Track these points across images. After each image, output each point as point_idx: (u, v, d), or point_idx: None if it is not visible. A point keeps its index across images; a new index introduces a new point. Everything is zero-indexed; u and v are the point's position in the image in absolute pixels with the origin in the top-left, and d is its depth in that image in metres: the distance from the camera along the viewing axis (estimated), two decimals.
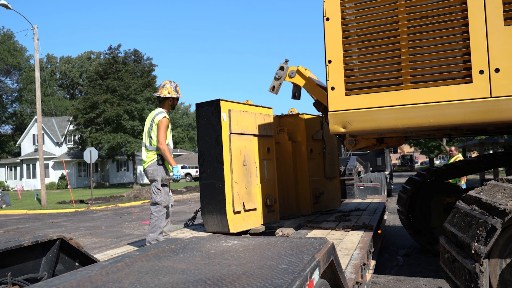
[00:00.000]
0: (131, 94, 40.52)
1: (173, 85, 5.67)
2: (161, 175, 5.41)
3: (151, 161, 5.44)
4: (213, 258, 2.34)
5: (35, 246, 3.45)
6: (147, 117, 5.68)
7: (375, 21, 5.12)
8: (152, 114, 5.61)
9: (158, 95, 5.63)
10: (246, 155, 6.47)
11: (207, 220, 6.33)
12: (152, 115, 5.57)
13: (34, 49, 24.18)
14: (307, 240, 2.65)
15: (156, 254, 2.49)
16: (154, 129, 5.44)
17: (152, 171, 5.40)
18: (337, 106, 5.30)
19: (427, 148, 52.61)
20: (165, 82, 5.70)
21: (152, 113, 5.63)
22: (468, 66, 4.63)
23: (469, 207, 3.81)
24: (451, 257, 3.80)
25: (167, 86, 5.64)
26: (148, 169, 5.43)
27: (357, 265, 4.09)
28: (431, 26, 4.82)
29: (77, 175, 48.05)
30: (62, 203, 24.76)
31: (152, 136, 5.46)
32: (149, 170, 5.43)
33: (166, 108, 5.69)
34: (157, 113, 5.54)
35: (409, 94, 4.91)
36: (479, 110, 4.58)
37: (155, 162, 5.42)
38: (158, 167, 5.41)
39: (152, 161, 5.43)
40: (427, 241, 7.52)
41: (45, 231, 13.53)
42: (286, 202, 7.89)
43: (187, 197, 27.76)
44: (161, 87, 5.67)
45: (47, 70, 68.75)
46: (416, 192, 7.58)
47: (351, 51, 5.29)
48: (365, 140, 6.24)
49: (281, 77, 6.83)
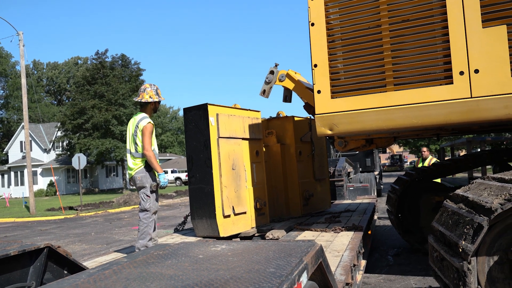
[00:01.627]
0: (119, 99, 40.28)
1: (153, 88, 5.54)
2: (149, 182, 5.34)
3: (139, 168, 5.35)
4: (202, 263, 2.34)
5: (23, 255, 3.40)
6: (129, 123, 5.55)
7: (358, 25, 5.23)
8: (135, 119, 5.47)
9: (139, 100, 5.50)
10: (234, 159, 6.47)
11: (197, 225, 6.32)
12: (136, 120, 5.44)
13: (20, 55, 24.02)
14: (295, 243, 2.66)
15: (144, 261, 2.48)
16: (139, 135, 5.34)
17: (140, 178, 5.31)
18: (323, 109, 5.36)
19: (416, 147, 52.94)
20: (145, 86, 5.57)
21: (134, 118, 5.50)
22: (449, 68, 4.73)
23: (456, 206, 3.85)
24: (439, 256, 3.83)
25: (148, 90, 5.51)
26: (136, 176, 5.34)
27: (347, 267, 4.11)
28: (412, 29, 4.92)
29: (66, 182, 47.71)
30: (51, 210, 24.52)
31: (137, 142, 5.36)
32: (137, 177, 5.33)
33: (148, 112, 5.57)
34: (140, 118, 5.42)
35: (393, 96, 5.00)
36: (460, 110, 4.67)
37: (143, 168, 5.34)
38: (146, 173, 5.34)
39: (139, 168, 5.34)
40: (417, 240, 7.57)
41: (34, 239, 13.41)
42: (276, 205, 7.90)
43: (177, 201, 27.66)
44: (141, 91, 5.53)
45: (33, 77, 68.19)
46: (405, 192, 7.63)
47: (336, 55, 5.38)
48: (354, 141, 6.30)
49: (271, 81, 6.88)
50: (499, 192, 3.39)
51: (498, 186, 3.56)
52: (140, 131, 5.34)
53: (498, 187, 3.52)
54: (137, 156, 5.36)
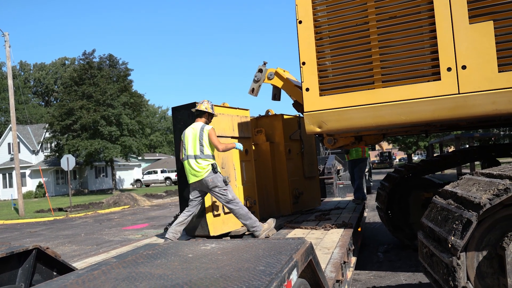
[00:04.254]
0: (108, 99, 39.97)
1: (210, 104, 6.12)
2: (221, 178, 5.79)
3: (207, 171, 5.75)
4: (191, 262, 2.33)
5: (11, 257, 3.38)
6: (188, 132, 5.95)
7: (346, 22, 5.22)
8: (196, 127, 5.91)
9: (197, 109, 6.02)
10: (224, 158, 6.45)
11: (187, 224, 6.29)
12: (197, 127, 5.90)
13: (6, 57, 23.77)
14: (285, 241, 2.66)
15: (134, 261, 2.46)
16: (205, 138, 5.81)
17: (212, 180, 5.73)
18: (312, 106, 5.36)
19: (404, 144, 53.30)
20: (204, 100, 6.12)
21: (193, 127, 5.94)
22: (436, 64, 4.74)
23: (445, 202, 3.87)
24: (429, 251, 3.85)
25: (205, 103, 6.08)
26: (208, 179, 5.73)
27: (337, 264, 4.12)
28: (399, 26, 4.92)
29: (55, 183, 47.30)
30: (40, 211, 24.30)
31: (203, 144, 5.80)
32: (209, 179, 5.73)
33: (203, 121, 6.05)
34: (203, 124, 5.94)
35: (381, 92, 5.01)
36: (448, 106, 4.69)
37: (211, 171, 5.76)
38: (216, 174, 5.77)
39: (208, 171, 5.75)
40: (407, 236, 7.60)
41: (23, 241, 13.29)
42: (266, 203, 7.89)
43: (168, 201, 27.60)
44: (200, 102, 6.07)
45: (20, 78, 67.59)
46: (394, 189, 7.65)
47: (324, 52, 5.37)
48: (343, 139, 6.31)
49: (260, 80, 6.87)
50: (488, 188, 3.41)
51: (486, 181, 3.58)
52: (206, 134, 5.82)
53: (487, 183, 3.54)
54: (203, 157, 5.80)
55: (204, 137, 5.83)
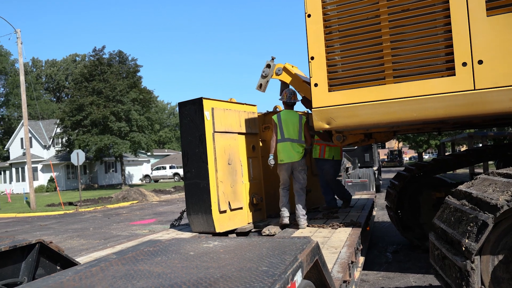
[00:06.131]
0: (117, 95, 40.07)
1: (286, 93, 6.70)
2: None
3: (303, 155, 6.41)
4: (192, 260, 2.23)
5: (14, 250, 3.39)
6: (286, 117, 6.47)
7: (356, 16, 5.10)
8: (295, 114, 6.52)
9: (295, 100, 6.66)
10: (230, 154, 6.36)
11: (193, 220, 6.21)
12: (297, 115, 6.51)
13: (18, 53, 23.85)
14: (290, 240, 2.55)
15: (134, 257, 2.38)
16: (303, 127, 6.44)
17: (303, 163, 6.45)
18: (320, 102, 5.26)
19: (415, 143, 52.84)
20: (292, 90, 6.65)
21: (293, 114, 6.53)
22: (451, 59, 4.60)
23: (459, 202, 3.72)
24: (441, 254, 3.71)
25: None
26: (302, 161, 6.42)
27: (344, 264, 4.00)
28: (412, 19, 4.79)
29: (66, 178, 47.53)
30: (51, 205, 24.46)
31: (301, 132, 6.41)
32: (303, 162, 6.43)
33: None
34: (300, 114, 6.55)
35: (392, 88, 4.89)
36: (462, 103, 4.55)
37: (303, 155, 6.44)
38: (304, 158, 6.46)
39: (303, 155, 6.41)
40: (416, 237, 7.45)
41: (33, 234, 13.37)
42: (273, 200, 7.76)
43: (176, 197, 27.59)
44: (293, 94, 6.63)
45: (32, 74, 67.93)
46: (405, 188, 7.50)
47: (333, 47, 5.27)
48: (353, 136, 6.19)
49: (268, 75, 6.77)
50: (505, 188, 3.25)
51: (504, 182, 3.41)
52: (303, 124, 6.45)
53: (504, 183, 3.38)
54: (302, 143, 6.43)
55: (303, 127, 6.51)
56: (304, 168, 6.46)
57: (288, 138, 6.36)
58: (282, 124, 6.42)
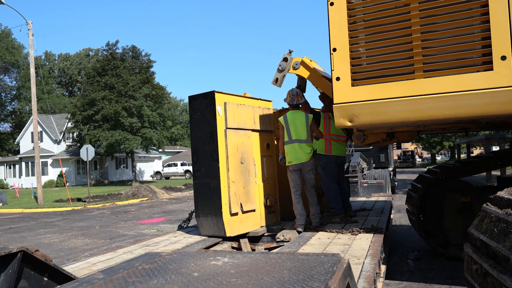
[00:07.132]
0: (129, 91, 39.89)
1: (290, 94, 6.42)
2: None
3: (311, 155, 6.22)
4: (195, 285, 1.79)
5: None
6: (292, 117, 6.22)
7: (383, 4, 4.69)
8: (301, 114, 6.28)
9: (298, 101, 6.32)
10: (243, 152, 5.94)
11: (202, 223, 5.81)
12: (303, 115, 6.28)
13: (29, 45, 23.62)
14: (317, 258, 2.09)
15: (123, 279, 1.93)
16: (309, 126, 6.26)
17: (312, 163, 6.31)
18: (343, 98, 4.84)
19: (428, 144, 52.08)
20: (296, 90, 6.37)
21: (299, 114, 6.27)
22: (488, 52, 4.18)
23: (503, 212, 3.24)
24: (481, 269, 3.24)
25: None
26: (312, 161, 6.27)
27: (370, 278, 3.56)
28: (445, 8, 4.38)
29: (76, 173, 47.49)
30: (59, 201, 24.28)
31: (309, 132, 6.23)
32: (313, 161, 6.31)
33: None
34: (307, 114, 6.35)
35: (422, 83, 4.48)
36: (501, 100, 4.13)
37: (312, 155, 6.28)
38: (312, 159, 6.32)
39: (311, 156, 6.22)
40: (440, 243, 6.96)
41: (37, 231, 13.09)
42: (287, 202, 7.33)
43: (186, 194, 27.24)
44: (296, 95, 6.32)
45: (45, 68, 68.13)
46: (428, 191, 7.01)
47: (357, 38, 4.88)
48: (374, 135, 5.77)
49: (284, 69, 6.37)
50: None
51: None
52: (310, 123, 6.27)
53: None
54: (310, 143, 6.27)
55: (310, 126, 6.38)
56: (312, 168, 6.32)
57: (296, 139, 6.14)
58: (290, 125, 6.18)
